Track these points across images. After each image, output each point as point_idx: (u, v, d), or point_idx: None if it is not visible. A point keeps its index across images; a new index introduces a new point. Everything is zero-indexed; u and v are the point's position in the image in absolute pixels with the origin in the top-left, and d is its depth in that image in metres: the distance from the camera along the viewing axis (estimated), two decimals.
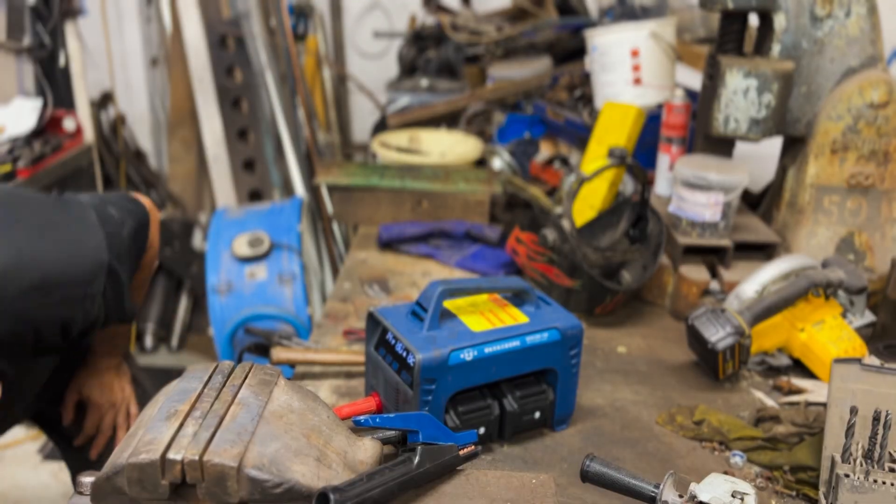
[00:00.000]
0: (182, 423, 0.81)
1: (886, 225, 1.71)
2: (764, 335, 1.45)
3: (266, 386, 0.90)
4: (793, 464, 1.16)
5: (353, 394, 1.34)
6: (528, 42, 3.15)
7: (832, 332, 1.43)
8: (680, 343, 1.52)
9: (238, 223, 2.64)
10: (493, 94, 2.85)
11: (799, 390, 1.39)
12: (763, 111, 1.66)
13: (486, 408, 1.16)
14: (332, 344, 1.52)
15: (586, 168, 1.65)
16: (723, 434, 1.24)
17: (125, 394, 1.55)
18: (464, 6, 3.83)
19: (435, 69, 3.27)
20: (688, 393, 1.39)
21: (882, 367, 1.09)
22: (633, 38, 2.15)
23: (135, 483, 0.77)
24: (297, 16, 4.11)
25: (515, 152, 2.47)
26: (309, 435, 0.86)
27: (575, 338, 1.20)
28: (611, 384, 1.41)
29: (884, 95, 1.63)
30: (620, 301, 1.64)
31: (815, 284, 1.43)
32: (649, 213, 1.68)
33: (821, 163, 1.69)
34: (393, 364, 1.13)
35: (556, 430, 1.25)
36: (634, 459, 1.20)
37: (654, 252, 1.64)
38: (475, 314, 1.19)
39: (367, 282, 1.79)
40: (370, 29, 4.51)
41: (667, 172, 1.94)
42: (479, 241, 1.96)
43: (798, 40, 1.67)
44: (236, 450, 0.78)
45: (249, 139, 3.68)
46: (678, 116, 1.91)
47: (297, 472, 0.80)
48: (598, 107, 2.25)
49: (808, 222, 1.72)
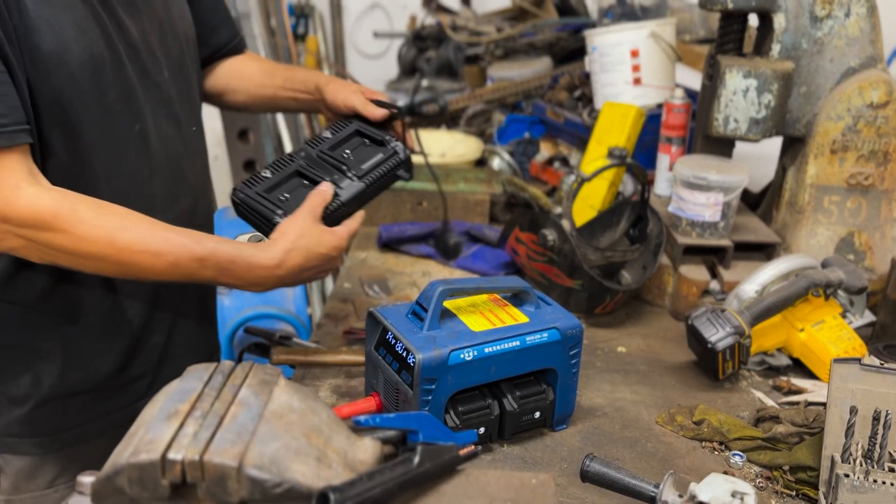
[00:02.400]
0: (182, 423, 0.81)
1: (886, 225, 1.71)
2: (764, 335, 1.45)
3: (266, 386, 0.90)
4: (792, 464, 1.16)
5: (353, 394, 1.34)
6: (528, 42, 3.15)
7: (832, 332, 1.43)
8: (680, 343, 1.52)
9: (238, 223, 2.61)
10: (493, 95, 2.85)
11: (799, 390, 1.39)
12: (763, 111, 1.66)
13: (486, 408, 1.16)
14: (332, 344, 1.52)
15: (586, 168, 1.65)
16: (722, 434, 1.24)
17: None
18: (464, 6, 3.83)
19: (435, 69, 3.27)
20: (688, 393, 1.39)
21: (882, 367, 1.09)
22: (632, 38, 2.15)
23: (135, 483, 0.77)
24: (297, 16, 4.11)
25: (515, 152, 2.47)
26: (309, 435, 0.86)
27: (575, 338, 1.20)
28: (610, 384, 1.41)
29: (883, 95, 1.63)
30: (620, 301, 1.64)
31: (815, 284, 1.43)
32: (649, 213, 1.68)
33: (820, 163, 1.69)
34: (393, 364, 1.13)
35: (556, 430, 1.25)
36: (634, 459, 1.20)
37: (653, 252, 1.64)
38: (475, 314, 1.19)
39: (367, 282, 1.79)
40: (370, 29, 4.51)
41: (666, 172, 1.94)
42: (479, 241, 1.96)
43: (798, 40, 1.67)
44: (236, 449, 0.78)
45: (249, 139, 3.68)
46: (678, 116, 1.91)
47: (298, 472, 0.80)
48: (598, 107, 2.25)
49: (807, 222, 1.72)
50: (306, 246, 1.19)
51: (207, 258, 1.13)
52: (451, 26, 3.33)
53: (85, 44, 1.10)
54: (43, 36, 1.06)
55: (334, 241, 1.23)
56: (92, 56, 1.12)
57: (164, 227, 1.12)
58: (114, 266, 1.10)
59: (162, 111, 1.26)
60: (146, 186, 1.25)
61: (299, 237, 1.19)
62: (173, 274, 1.13)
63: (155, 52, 1.25)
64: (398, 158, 1.36)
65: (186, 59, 1.36)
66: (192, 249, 1.12)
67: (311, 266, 1.21)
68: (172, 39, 1.31)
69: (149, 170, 1.25)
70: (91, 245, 1.07)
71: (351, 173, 1.32)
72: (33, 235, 1.06)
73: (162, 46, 1.28)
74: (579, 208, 1.91)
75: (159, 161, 1.26)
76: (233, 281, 1.18)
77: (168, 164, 1.28)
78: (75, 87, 1.11)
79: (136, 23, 1.22)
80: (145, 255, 1.09)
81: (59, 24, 1.07)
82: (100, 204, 1.10)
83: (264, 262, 1.17)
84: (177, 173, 1.31)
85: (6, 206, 1.04)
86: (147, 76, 1.23)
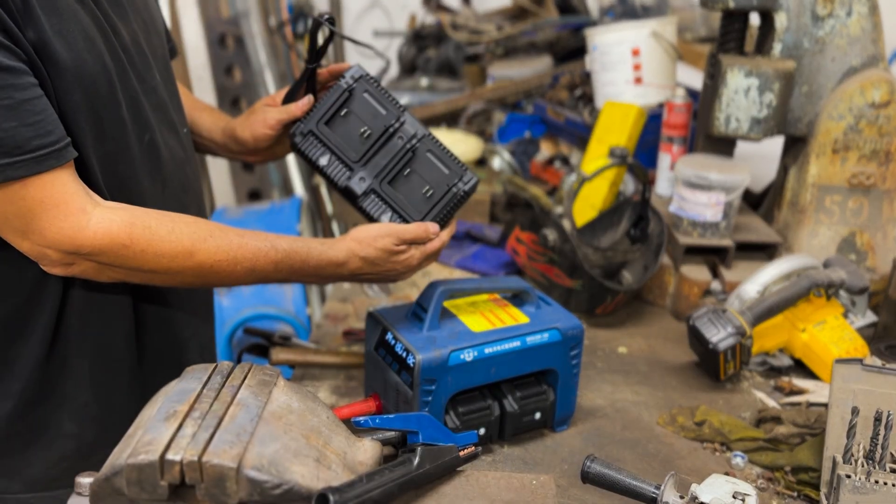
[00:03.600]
0: (181, 424, 0.80)
1: (888, 225, 1.71)
2: (765, 335, 1.45)
3: (265, 386, 0.90)
4: (794, 464, 1.16)
5: (352, 394, 1.34)
6: (528, 41, 3.15)
7: (834, 332, 1.43)
8: (681, 343, 1.52)
9: (237, 223, 2.63)
10: (494, 94, 2.85)
11: (800, 391, 1.39)
12: (764, 111, 1.66)
13: (487, 408, 1.16)
14: (332, 344, 1.52)
15: (587, 168, 1.65)
16: (724, 435, 1.23)
17: None
18: (464, 5, 3.82)
19: (435, 68, 3.27)
20: (689, 393, 1.39)
21: (883, 368, 1.09)
22: (633, 37, 2.15)
23: (133, 484, 0.77)
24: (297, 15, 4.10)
25: (516, 152, 2.47)
26: (308, 436, 0.86)
27: (575, 338, 1.20)
28: (611, 385, 1.41)
29: (885, 95, 1.62)
30: (621, 301, 1.63)
31: (817, 284, 1.43)
32: (650, 212, 1.68)
33: (822, 162, 1.68)
34: (393, 364, 1.13)
35: (557, 431, 1.25)
36: (635, 460, 1.19)
37: (655, 252, 1.64)
38: (475, 314, 1.19)
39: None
40: (370, 28, 4.51)
41: (668, 172, 1.94)
42: (479, 241, 1.95)
43: (799, 39, 1.66)
44: (235, 450, 0.78)
45: None
46: (679, 116, 1.91)
47: (297, 473, 0.80)
48: (599, 106, 2.25)
49: (809, 222, 1.71)
50: (371, 257, 1.19)
51: (282, 261, 1.13)
52: (451, 25, 3.33)
53: (96, 53, 1.04)
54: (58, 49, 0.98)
55: (403, 257, 1.21)
56: (104, 67, 1.05)
57: (238, 233, 1.11)
58: (192, 278, 1.08)
59: (161, 117, 1.21)
60: (160, 200, 1.19)
61: (368, 246, 1.18)
62: (249, 279, 1.12)
63: (146, 55, 1.18)
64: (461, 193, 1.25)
65: (167, 57, 1.29)
66: (268, 254, 1.11)
67: (371, 273, 1.21)
68: (156, 38, 1.24)
69: (161, 182, 1.20)
70: (170, 261, 1.04)
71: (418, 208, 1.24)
72: (108, 260, 1.01)
73: (150, 47, 1.20)
74: (580, 208, 1.91)
75: (168, 171, 1.21)
76: (302, 278, 1.19)
77: (176, 174, 1.24)
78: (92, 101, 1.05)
79: (125, 24, 1.14)
80: (224, 265, 1.08)
81: (71, 35, 1.00)
82: (167, 215, 1.06)
83: (332, 259, 1.17)
84: (183, 181, 1.26)
85: (77, 234, 0.97)
86: (143, 81, 1.16)
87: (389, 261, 1.20)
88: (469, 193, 1.24)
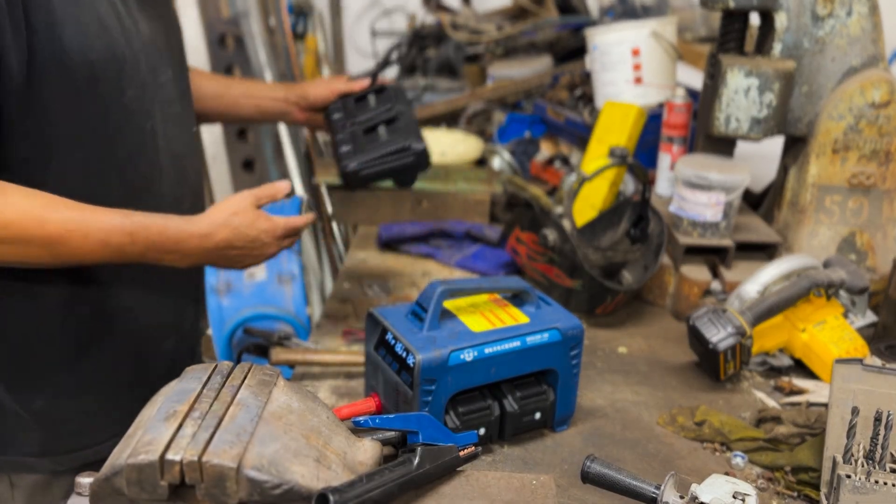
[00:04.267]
0: (181, 424, 0.80)
1: (888, 225, 1.71)
2: (765, 335, 1.45)
3: (265, 386, 0.90)
4: (794, 464, 1.16)
5: (352, 394, 1.34)
6: (528, 41, 3.15)
7: (834, 332, 1.43)
8: (681, 343, 1.52)
9: None
10: (493, 94, 2.85)
11: (800, 391, 1.39)
12: (764, 111, 1.66)
13: (487, 408, 1.16)
14: (332, 344, 1.52)
15: (587, 168, 1.65)
16: (724, 435, 1.23)
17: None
18: (464, 5, 3.82)
19: (435, 68, 3.27)
20: (689, 393, 1.39)
21: (884, 368, 1.09)
22: (633, 37, 2.15)
23: (133, 484, 0.77)
24: (297, 15, 4.10)
25: (515, 152, 2.46)
26: (308, 436, 0.86)
27: (575, 338, 1.20)
28: (611, 385, 1.41)
29: (885, 95, 1.62)
30: (621, 301, 1.63)
31: (817, 284, 1.43)
32: (650, 212, 1.68)
33: (822, 162, 1.68)
34: (393, 364, 1.13)
35: (557, 431, 1.25)
36: (635, 460, 1.19)
37: (655, 252, 1.64)
38: (475, 314, 1.19)
39: (366, 282, 1.78)
40: (370, 28, 4.51)
41: (668, 172, 1.94)
42: (479, 241, 1.95)
43: (799, 39, 1.66)
44: (235, 450, 0.78)
45: (248, 138, 3.67)
46: (679, 116, 1.91)
47: (297, 473, 0.80)
48: (599, 106, 2.25)
49: (809, 222, 1.71)
50: (237, 224, 1.20)
51: (137, 232, 1.10)
52: (451, 25, 3.32)
53: (107, 41, 1.11)
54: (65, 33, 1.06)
55: (267, 225, 1.24)
56: (114, 55, 1.12)
57: (91, 208, 1.09)
58: (41, 250, 1.06)
59: (166, 111, 1.28)
60: (156, 187, 1.25)
61: (233, 214, 1.21)
62: (104, 254, 1.09)
63: (162, 52, 1.27)
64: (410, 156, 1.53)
65: (184, 58, 1.38)
66: (123, 225, 1.09)
67: (240, 246, 1.22)
68: (175, 39, 1.34)
69: (158, 170, 1.25)
70: (19, 229, 1.03)
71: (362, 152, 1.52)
72: None
73: (168, 46, 1.30)
74: (580, 208, 1.91)
75: (165, 161, 1.27)
76: (163, 255, 1.15)
77: (173, 165, 1.29)
78: (96, 84, 1.11)
79: (149, 21, 1.23)
80: (76, 236, 1.06)
81: (83, 20, 1.08)
82: (26, 189, 1.06)
83: (193, 231, 1.16)
84: (181, 174, 1.32)
85: None
86: (155, 75, 1.24)
87: (254, 226, 1.22)
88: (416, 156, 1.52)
